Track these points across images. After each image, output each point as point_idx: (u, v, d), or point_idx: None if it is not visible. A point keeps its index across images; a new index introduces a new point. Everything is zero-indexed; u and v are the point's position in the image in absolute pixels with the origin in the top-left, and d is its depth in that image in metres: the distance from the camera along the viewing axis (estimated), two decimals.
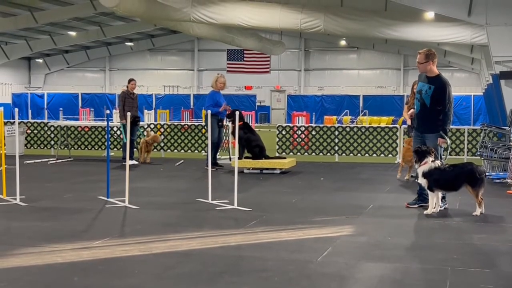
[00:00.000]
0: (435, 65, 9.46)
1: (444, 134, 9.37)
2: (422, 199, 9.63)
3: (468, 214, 9.24)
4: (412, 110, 10.21)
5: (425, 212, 9.12)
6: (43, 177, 13.61)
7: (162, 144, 19.26)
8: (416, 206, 9.65)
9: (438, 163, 9.15)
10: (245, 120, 16.38)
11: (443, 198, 9.51)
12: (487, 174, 9.05)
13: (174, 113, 43.11)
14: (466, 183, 8.98)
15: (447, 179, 9.07)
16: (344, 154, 18.10)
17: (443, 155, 9.61)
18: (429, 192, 9.13)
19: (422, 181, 9.17)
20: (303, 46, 50.81)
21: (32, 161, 16.53)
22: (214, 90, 15.52)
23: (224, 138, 20.08)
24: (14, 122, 17.45)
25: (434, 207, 9.14)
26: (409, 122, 13.23)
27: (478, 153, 15.55)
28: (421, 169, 9.17)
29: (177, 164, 16.58)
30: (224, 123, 15.97)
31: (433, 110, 9.36)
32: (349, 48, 49.45)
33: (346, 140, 18.16)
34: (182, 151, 19.10)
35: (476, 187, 8.95)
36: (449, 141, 9.51)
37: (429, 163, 9.11)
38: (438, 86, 9.33)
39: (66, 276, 5.82)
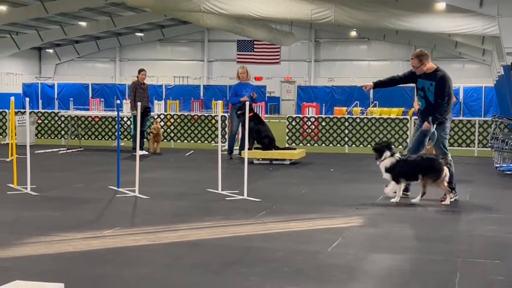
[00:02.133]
0: (429, 61, 9.51)
1: (433, 122, 9.41)
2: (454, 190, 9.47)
3: (479, 206, 9.23)
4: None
5: (392, 200, 9.27)
6: (53, 167, 13.67)
7: (172, 135, 19.29)
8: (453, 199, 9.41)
9: (397, 156, 9.35)
10: (255, 111, 16.38)
11: (453, 189, 9.48)
12: (450, 164, 9.25)
13: (184, 103, 43.16)
14: (427, 173, 9.13)
15: (409, 170, 9.24)
16: (354, 145, 18.07)
17: (427, 145, 9.69)
18: (393, 182, 9.30)
19: (386, 176, 9.36)
20: (313, 37, 50.67)
21: (43, 151, 16.59)
22: (238, 81, 15.65)
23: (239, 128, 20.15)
24: (25, 112, 17.53)
25: (396, 196, 9.35)
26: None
27: (489, 145, 15.49)
28: (383, 165, 9.37)
29: (187, 154, 16.61)
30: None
31: (436, 104, 9.42)
32: (359, 39, 49.28)
33: (356, 131, 18.12)
34: (192, 141, 19.12)
35: (436, 177, 9.09)
36: (433, 128, 9.50)
37: (388, 158, 9.33)
38: (438, 80, 9.39)
39: (77, 265, 5.85)
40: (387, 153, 9.36)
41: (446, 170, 9.17)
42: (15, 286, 4.81)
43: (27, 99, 11.00)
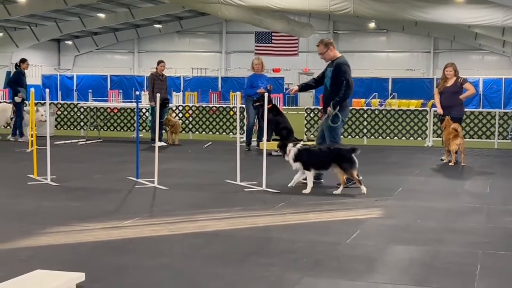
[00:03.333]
0: (335, 49, 10.01)
1: (334, 107, 9.77)
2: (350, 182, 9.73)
3: (499, 197, 9.16)
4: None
5: (303, 191, 9.31)
6: (73, 158, 13.75)
7: (190, 126, 19.33)
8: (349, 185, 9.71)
9: (299, 145, 9.60)
10: (273, 103, 16.36)
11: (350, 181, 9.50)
12: (356, 155, 9.39)
13: (202, 95, 43.18)
14: (335, 163, 9.31)
15: (319, 159, 9.48)
16: (372, 137, 18.00)
17: (336, 134, 10.00)
18: (306, 172, 9.47)
19: (297, 166, 9.55)
20: (331, 28, 50.47)
21: (62, 142, 16.70)
22: (252, 72, 15.63)
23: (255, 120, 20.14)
24: (44, 103, 17.63)
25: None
26: (439, 111, 13.15)
27: (509, 137, 15.38)
28: (290, 157, 9.58)
29: (205, 146, 16.64)
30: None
31: (333, 92, 9.86)
32: (378, 31, 49.02)
33: (375, 123, 18.04)
34: (210, 133, 19.14)
35: (345, 166, 9.26)
36: (333, 112, 9.85)
37: (293, 149, 9.53)
38: (335, 66, 9.86)
39: (98, 254, 5.88)
40: (290, 145, 9.66)
41: (356, 160, 9.40)
42: (36, 275, 4.85)
43: (47, 90, 11.06)
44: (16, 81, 17.35)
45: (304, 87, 10.68)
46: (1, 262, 5.55)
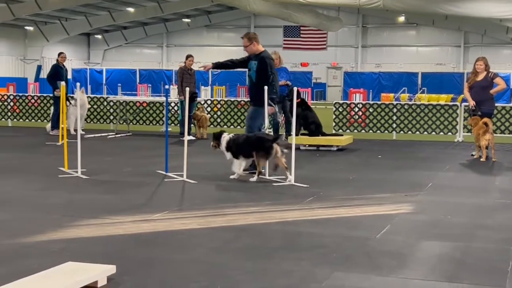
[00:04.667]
0: (259, 44, 10.34)
1: (274, 102, 10.24)
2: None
3: None
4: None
5: (231, 176, 9.81)
6: (102, 151, 13.86)
7: (218, 120, 19.37)
8: (247, 172, 10.15)
9: (229, 136, 9.95)
10: (302, 97, 16.31)
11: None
12: (280, 144, 9.68)
13: (230, 89, 43.24)
14: (254, 151, 9.64)
15: (243, 148, 9.78)
16: (402, 132, 17.88)
17: (270, 126, 10.57)
18: (235, 160, 9.87)
19: (227, 155, 9.93)
20: (360, 22, 50.17)
21: (92, 136, 16.84)
22: None
23: (280, 115, 20.09)
24: (73, 96, 17.77)
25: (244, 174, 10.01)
26: (471, 104, 13.01)
27: None
28: (222, 147, 9.95)
29: None
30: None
31: (258, 85, 10.20)
32: (408, 25, 48.60)
33: (405, 118, 17.91)
34: (238, 127, 19.15)
35: (260, 154, 9.60)
36: (276, 108, 10.55)
37: (225, 138, 9.93)
38: (260, 61, 10.22)
39: (128, 247, 5.93)
40: (224, 135, 10.02)
41: (277, 148, 9.54)
42: (68, 267, 4.91)
43: (78, 84, 11.15)
44: (53, 76, 17.47)
45: (219, 65, 10.87)
46: (33, 254, 5.61)
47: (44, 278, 4.63)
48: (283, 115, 16.04)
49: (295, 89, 10.65)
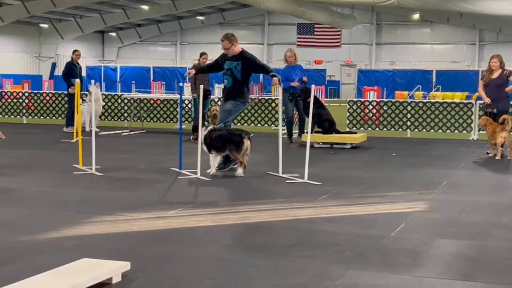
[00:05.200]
0: (238, 44, 10.64)
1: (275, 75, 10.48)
2: (229, 162, 10.33)
3: None
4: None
5: (208, 171, 9.89)
6: (117, 149, 13.90)
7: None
8: (227, 168, 10.30)
9: (207, 130, 10.06)
10: (315, 95, 16.27)
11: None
12: (250, 138, 9.95)
13: None
14: (227, 146, 9.88)
15: (217, 143, 9.94)
16: (416, 129, 17.79)
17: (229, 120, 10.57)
18: (210, 154, 10.00)
19: (204, 148, 10.02)
20: (375, 20, 49.98)
21: (106, 133, 16.89)
22: (286, 65, 15.59)
23: (294, 112, 20.06)
24: (87, 94, 17.83)
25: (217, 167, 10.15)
26: (487, 100, 12.94)
27: None
28: (200, 140, 10.05)
29: None
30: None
31: (243, 82, 10.48)
32: (422, 22, 48.35)
33: (419, 116, 17.83)
34: (252, 124, 19.15)
35: (232, 149, 9.84)
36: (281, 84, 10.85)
37: (203, 132, 9.99)
38: (246, 59, 10.51)
39: (142, 244, 5.94)
40: (203, 128, 10.10)
41: (247, 143, 9.82)
42: (83, 264, 4.93)
43: (92, 81, 11.19)
44: (68, 73, 17.56)
45: (201, 70, 11.61)
46: (48, 251, 5.64)
47: (59, 274, 4.65)
48: (297, 113, 16.03)
49: (312, 85, 10.62)
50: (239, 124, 19.23)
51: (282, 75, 15.31)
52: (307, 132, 10.78)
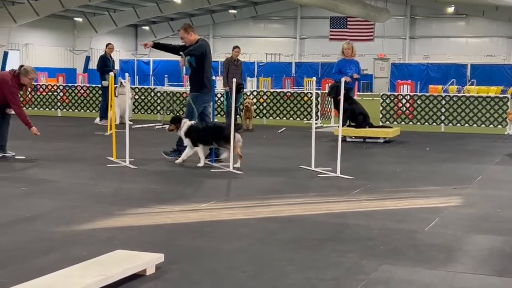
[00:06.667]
0: (195, 34, 10.85)
1: (182, 55, 10.43)
2: (178, 152, 10.54)
3: None
4: None
5: (198, 164, 10.00)
6: (150, 141, 13.99)
7: (264, 112, 19.38)
8: (172, 157, 10.58)
9: (191, 122, 10.16)
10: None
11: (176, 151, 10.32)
12: (240, 131, 10.17)
13: (276, 81, 43.19)
14: (214, 139, 10.03)
15: (203, 135, 10.08)
16: (450, 124, 17.60)
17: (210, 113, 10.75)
18: (196, 148, 10.10)
19: (186, 141, 10.14)
20: (408, 13, 49.53)
21: (140, 126, 17.01)
22: (341, 57, 15.28)
23: (328, 106, 20.01)
24: (121, 82, 17.95)
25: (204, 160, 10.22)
26: None
27: None
28: (182, 132, 10.13)
29: (279, 131, 16.65)
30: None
31: (199, 70, 10.63)
32: (457, 15, 47.81)
33: (454, 110, 17.63)
34: (284, 118, 19.13)
35: (221, 142, 9.99)
36: (185, 60, 10.56)
37: (185, 124, 10.10)
38: (196, 46, 10.63)
39: (175, 237, 5.98)
40: (184, 120, 10.18)
41: (238, 136, 9.97)
42: (117, 255, 4.98)
43: (126, 74, 11.28)
44: (101, 67, 17.77)
45: (158, 46, 11.32)
46: (83, 242, 5.71)
47: (95, 265, 4.70)
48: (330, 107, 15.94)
49: (343, 80, 10.46)
50: (271, 118, 19.24)
51: (336, 68, 15.08)
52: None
